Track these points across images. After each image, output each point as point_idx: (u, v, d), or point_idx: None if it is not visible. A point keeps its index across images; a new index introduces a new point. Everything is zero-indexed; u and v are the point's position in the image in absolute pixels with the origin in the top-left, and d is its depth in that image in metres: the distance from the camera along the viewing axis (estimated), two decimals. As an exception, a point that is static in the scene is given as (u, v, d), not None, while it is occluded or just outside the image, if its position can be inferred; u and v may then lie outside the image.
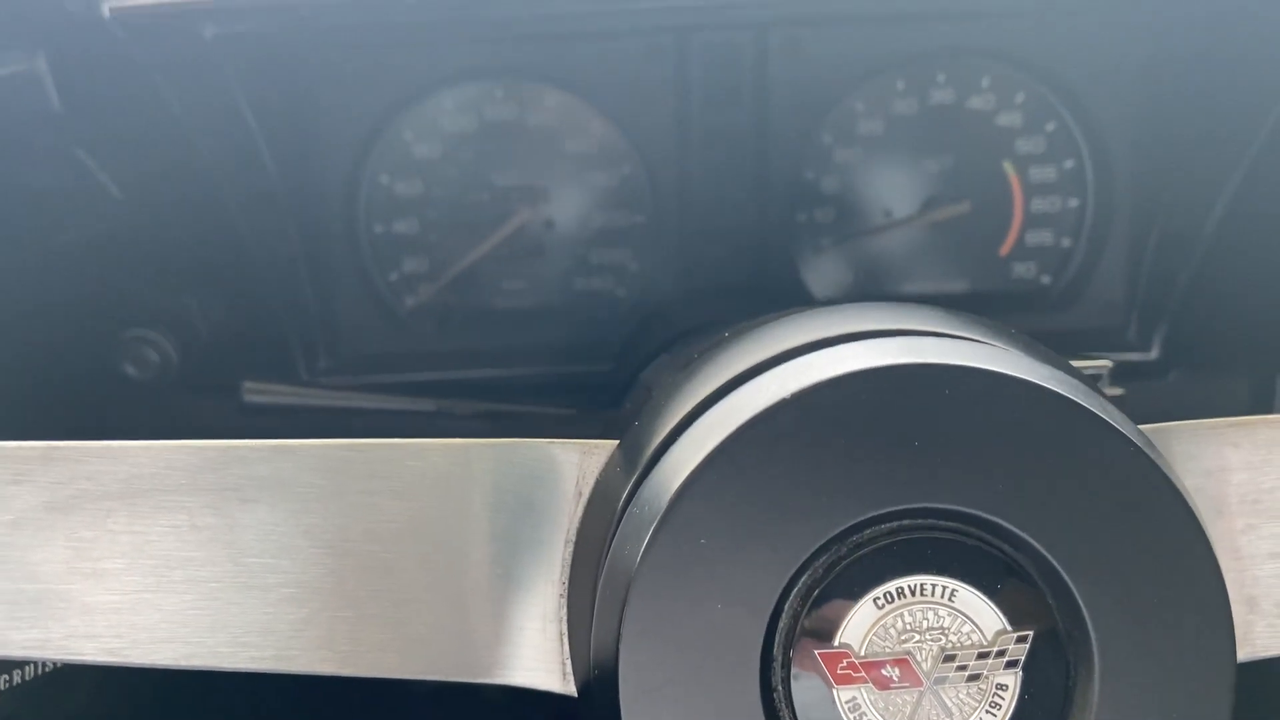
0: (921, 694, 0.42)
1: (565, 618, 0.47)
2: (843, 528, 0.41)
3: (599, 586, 0.44)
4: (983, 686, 0.42)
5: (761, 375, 0.44)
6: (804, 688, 0.42)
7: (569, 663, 0.47)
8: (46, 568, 0.43)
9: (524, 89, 0.86)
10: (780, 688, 0.42)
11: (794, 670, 0.42)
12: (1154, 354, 0.87)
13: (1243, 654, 0.44)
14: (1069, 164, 0.87)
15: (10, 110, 0.66)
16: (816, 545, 0.41)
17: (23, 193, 0.71)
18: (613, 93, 0.86)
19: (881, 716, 0.42)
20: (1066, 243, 0.88)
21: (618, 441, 0.47)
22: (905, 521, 0.42)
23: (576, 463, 0.47)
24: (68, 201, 0.73)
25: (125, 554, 0.43)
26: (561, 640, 0.47)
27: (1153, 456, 0.41)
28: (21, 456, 0.43)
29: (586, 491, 0.47)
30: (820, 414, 0.41)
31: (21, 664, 0.60)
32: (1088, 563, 0.41)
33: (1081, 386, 0.43)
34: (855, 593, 0.42)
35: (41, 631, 0.43)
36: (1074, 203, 0.88)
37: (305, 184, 0.84)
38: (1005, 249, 0.89)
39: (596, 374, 0.86)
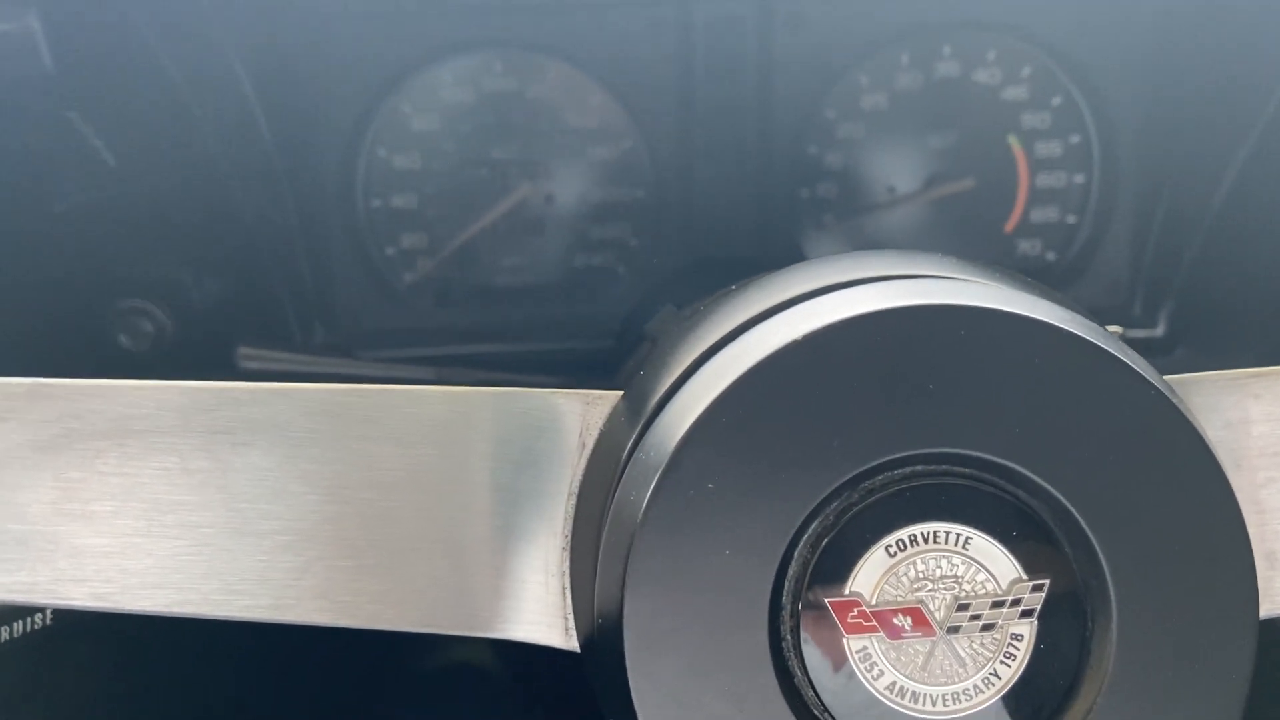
0: (934, 643, 0.41)
1: (568, 571, 0.45)
2: (854, 473, 0.40)
3: (603, 537, 0.43)
4: (997, 636, 0.41)
5: (771, 319, 0.43)
6: (814, 637, 0.41)
7: (571, 617, 0.46)
8: (33, 508, 0.42)
9: (524, 61, 0.85)
10: (789, 637, 0.41)
11: (804, 619, 0.41)
12: (1159, 331, 0.86)
13: (1264, 610, 0.43)
14: (1075, 139, 0.86)
15: (1, 70, 0.65)
16: (827, 491, 0.40)
17: (15, 158, 0.69)
18: (613, 65, 0.85)
19: (893, 666, 0.41)
20: (1072, 219, 0.88)
21: (621, 392, 0.46)
22: (919, 467, 0.41)
23: (580, 413, 0.46)
24: (61, 168, 0.72)
25: (115, 496, 0.42)
26: (564, 594, 0.46)
27: (1178, 404, 0.40)
28: (8, 393, 0.42)
29: (590, 442, 0.46)
30: (833, 356, 0.40)
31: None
32: (1107, 511, 0.40)
33: (1103, 332, 0.42)
34: (867, 540, 0.41)
35: (29, 574, 0.42)
36: (1079, 178, 0.87)
37: (303, 156, 0.83)
38: (1010, 225, 0.88)
39: (596, 350, 0.85)
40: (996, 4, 0.84)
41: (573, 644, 0.46)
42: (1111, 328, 0.70)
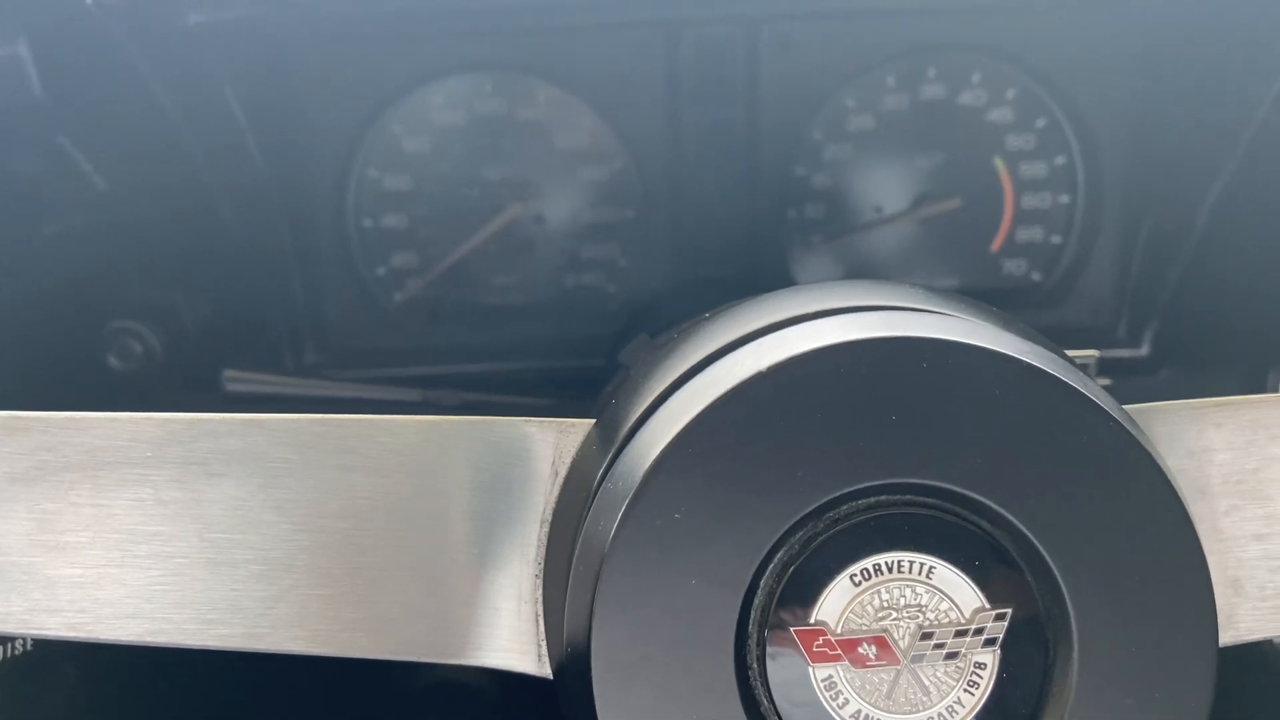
0: (899, 672, 0.41)
1: (540, 598, 0.46)
2: (819, 503, 0.41)
3: (573, 565, 0.43)
4: (960, 665, 0.41)
5: (737, 350, 0.43)
6: (780, 665, 0.41)
7: (544, 644, 0.46)
8: (8, 540, 0.42)
9: (514, 83, 0.86)
10: (756, 665, 0.41)
11: (770, 648, 0.41)
12: (1144, 351, 0.87)
13: (1225, 637, 0.44)
14: (1059, 160, 0.87)
15: (-8, 96, 0.66)
16: (792, 521, 0.41)
17: (5, 182, 0.70)
18: (603, 87, 0.86)
19: (858, 695, 0.41)
20: (1057, 239, 0.88)
21: (594, 420, 0.47)
22: (882, 497, 0.41)
23: (553, 441, 0.46)
24: (51, 191, 0.73)
25: (88, 527, 0.42)
26: (537, 621, 0.46)
27: (1136, 435, 0.41)
28: None
29: (563, 471, 0.46)
30: (797, 388, 0.41)
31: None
32: (1068, 541, 0.41)
33: (1063, 363, 0.42)
34: (832, 569, 0.41)
35: (3, 605, 0.42)
36: (1064, 199, 0.87)
37: (293, 177, 0.84)
38: (996, 245, 0.88)
39: (586, 369, 0.85)
40: (981, 27, 0.85)
41: (545, 671, 0.46)
42: (1086, 352, 0.71)
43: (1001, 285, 0.88)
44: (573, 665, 0.43)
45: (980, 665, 0.41)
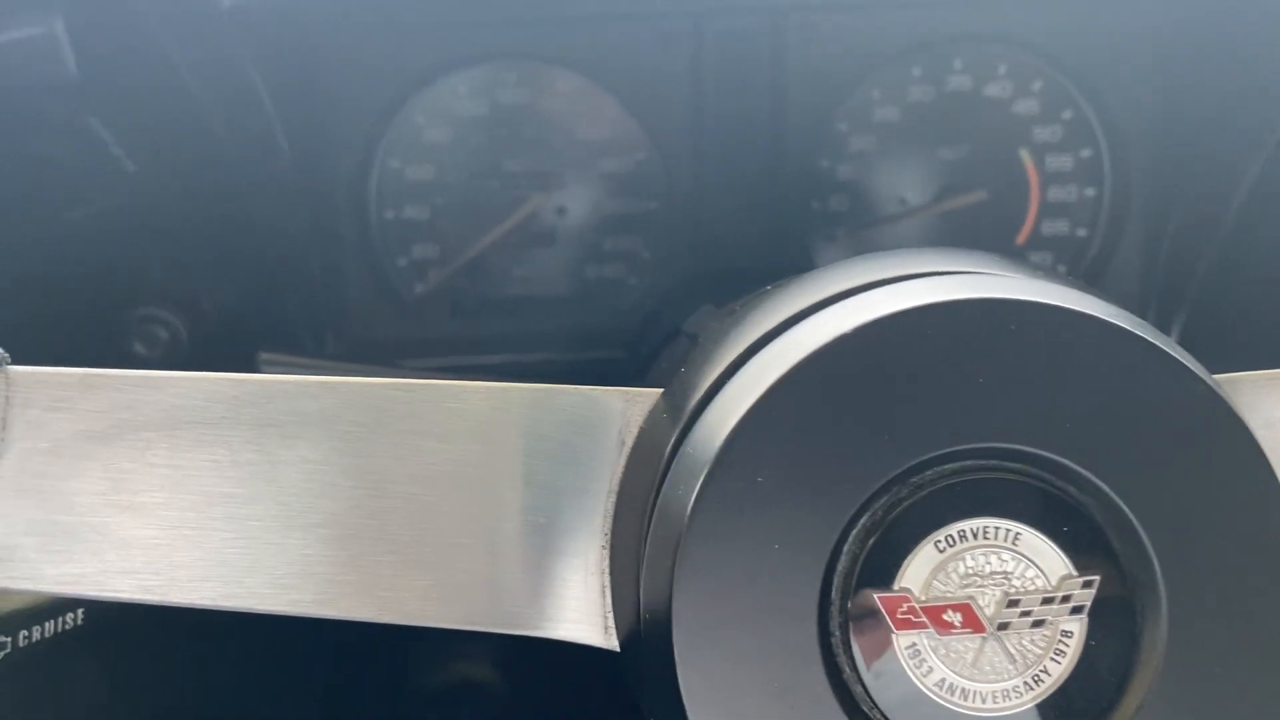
0: (984, 640, 0.41)
1: (608, 570, 0.45)
2: (903, 468, 0.40)
3: (648, 534, 0.42)
4: (1047, 633, 0.41)
5: (818, 314, 0.43)
6: (863, 632, 0.40)
7: (611, 615, 0.45)
8: (83, 499, 0.41)
9: (537, 73, 0.85)
10: (839, 633, 0.41)
11: (853, 615, 0.40)
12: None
13: None
14: (1086, 153, 0.87)
15: (25, 75, 0.65)
16: (876, 486, 0.40)
17: (36, 164, 0.69)
18: (627, 78, 0.85)
19: (943, 663, 0.41)
20: (1083, 232, 0.88)
21: (661, 390, 0.46)
22: (968, 462, 0.40)
23: (620, 410, 0.45)
24: (80, 175, 0.72)
25: (164, 488, 0.41)
26: (604, 593, 0.45)
27: (1228, 401, 0.40)
28: (59, 383, 0.42)
29: (630, 440, 0.45)
30: (882, 351, 0.40)
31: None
32: (1157, 507, 0.40)
33: (1152, 328, 0.42)
34: (916, 535, 0.40)
35: (77, 566, 0.41)
36: (1090, 192, 0.87)
37: (317, 167, 0.83)
38: (1021, 238, 0.88)
39: (609, 360, 0.85)
40: (1008, 18, 0.85)
41: (612, 642, 0.45)
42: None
43: (1028, 278, 0.88)
44: (649, 635, 0.42)
45: (1067, 633, 0.41)
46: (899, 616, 0.41)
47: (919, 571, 0.41)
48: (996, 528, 0.40)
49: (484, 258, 0.87)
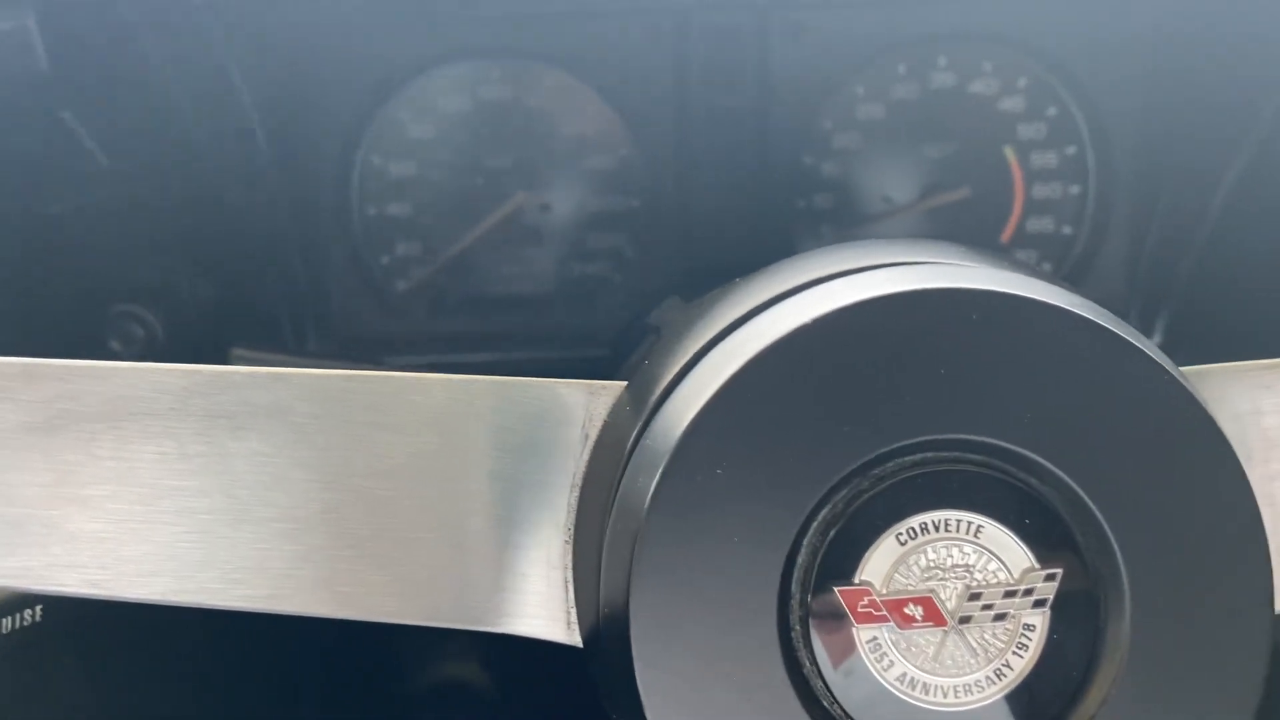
0: (946, 634, 0.40)
1: (570, 564, 0.45)
2: (864, 459, 0.40)
3: (608, 527, 0.42)
4: (1009, 626, 0.40)
5: (777, 305, 0.42)
6: (823, 626, 0.40)
7: (574, 611, 0.45)
8: (27, 491, 0.41)
9: (520, 70, 0.85)
10: (799, 627, 0.40)
11: (813, 609, 0.40)
12: (1156, 341, 0.86)
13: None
14: (1070, 150, 0.86)
15: (-3, 69, 0.65)
16: (837, 478, 0.40)
17: (8, 158, 0.69)
18: (611, 74, 0.85)
19: (904, 657, 0.40)
20: (1068, 230, 0.87)
21: (625, 383, 0.46)
22: (929, 454, 0.40)
23: (583, 403, 0.45)
24: (54, 171, 0.72)
25: (110, 480, 0.41)
26: (566, 588, 0.45)
27: (1193, 393, 0.40)
28: (0, 373, 0.41)
29: (594, 433, 0.45)
30: (842, 341, 0.39)
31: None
32: (1120, 499, 0.40)
33: (1117, 319, 0.41)
34: (877, 528, 0.40)
35: (22, 559, 0.41)
36: (1075, 189, 0.87)
37: (298, 163, 0.83)
38: (1006, 235, 0.87)
39: (592, 359, 0.84)
40: (992, 16, 0.84)
41: (575, 638, 0.45)
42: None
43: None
44: (608, 629, 0.41)
45: (1029, 627, 0.40)
46: (860, 610, 0.40)
47: (880, 565, 0.40)
48: (958, 520, 0.40)
49: (467, 255, 0.86)
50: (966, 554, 0.40)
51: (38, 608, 0.57)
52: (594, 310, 0.87)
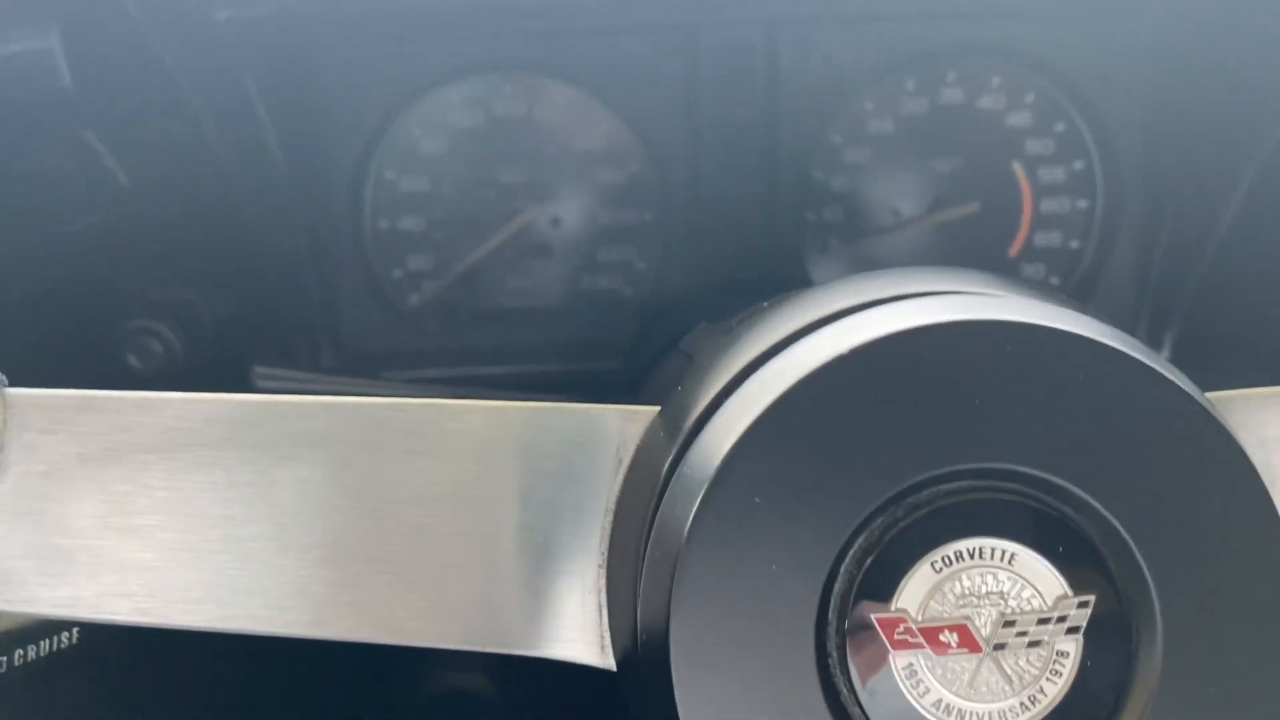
0: (981, 660, 0.41)
1: (604, 589, 0.45)
2: (900, 488, 0.40)
3: (645, 553, 0.42)
4: (1043, 653, 0.41)
5: (815, 334, 0.43)
6: (860, 652, 0.41)
7: (608, 635, 0.45)
8: (79, 522, 0.41)
9: (532, 85, 0.85)
10: (835, 653, 0.41)
11: (849, 635, 0.41)
12: (1164, 357, 0.87)
13: None
14: (1078, 165, 0.87)
15: (20, 88, 0.65)
16: (873, 506, 0.40)
17: (30, 176, 0.69)
18: (622, 89, 0.85)
19: (939, 683, 0.41)
20: (1075, 244, 0.88)
21: (659, 408, 0.46)
22: (964, 483, 0.41)
23: (617, 428, 0.45)
24: (74, 187, 0.72)
25: (161, 510, 0.41)
26: (600, 612, 0.45)
27: (1221, 421, 0.41)
28: (56, 405, 0.42)
29: (627, 459, 0.45)
30: (879, 371, 0.40)
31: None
32: (1152, 527, 0.40)
33: (1145, 348, 0.42)
34: (913, 555, 0.41)
35: (72, 589, 0.41)
36: (1083, 204, 0.87)
37: (312, 177, 0.83)
38: (1014, 250, 0.88)
39: (604, 371, 0.85)
40: (1000, 31, 0.85)
41: (609, 661, 0.45)
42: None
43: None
44: (646, 654, 0.42)
45: (1063, 653, 0.41)
46: (896, 636, 0.41)
47: (916, 591, 0.41)
48: (992, 548, 0.41)
49: (479, 269, 0.87)
50: (1001, 581, 0.41)
51: (74, 631, 0.58)
52: (605, 323, 0.88)
